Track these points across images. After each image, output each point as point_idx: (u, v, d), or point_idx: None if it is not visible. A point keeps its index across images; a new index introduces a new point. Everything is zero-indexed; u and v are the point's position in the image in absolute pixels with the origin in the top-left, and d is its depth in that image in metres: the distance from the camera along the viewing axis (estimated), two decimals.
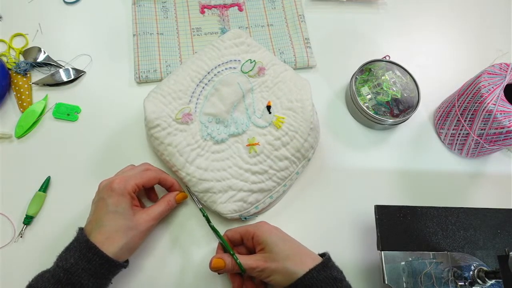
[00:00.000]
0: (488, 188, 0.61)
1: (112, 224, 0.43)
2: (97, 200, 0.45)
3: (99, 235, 0.42)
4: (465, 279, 0.46)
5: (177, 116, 0.52)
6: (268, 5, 0.69)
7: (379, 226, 0.48)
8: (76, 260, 0.40)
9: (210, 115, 0.53)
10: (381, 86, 0.61)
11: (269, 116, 0.54)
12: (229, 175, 0.51)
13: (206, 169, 0.51)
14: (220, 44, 0.56)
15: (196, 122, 0.53)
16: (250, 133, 0.53)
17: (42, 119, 0.57)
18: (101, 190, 0.45)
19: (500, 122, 0.53)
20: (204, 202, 0.51)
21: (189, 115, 0.52)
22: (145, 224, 0.45)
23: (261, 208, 0.53)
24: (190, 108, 0.53)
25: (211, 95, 0.54)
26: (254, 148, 0.52)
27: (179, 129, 0.52)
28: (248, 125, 0.54)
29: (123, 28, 0.65)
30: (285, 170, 0.53)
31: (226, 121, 0.54)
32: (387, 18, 0.72)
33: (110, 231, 0.42)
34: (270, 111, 0.54)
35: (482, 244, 0.50)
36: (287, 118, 0.53)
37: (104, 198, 0.44)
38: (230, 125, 0.54)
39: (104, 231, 0.42)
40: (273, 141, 0.52)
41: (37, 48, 0.60)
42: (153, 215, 0.47)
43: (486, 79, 0.54)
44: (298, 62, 0.64)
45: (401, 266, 0.46)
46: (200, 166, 0.51)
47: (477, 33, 0.74)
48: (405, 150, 0.62)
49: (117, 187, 0.44)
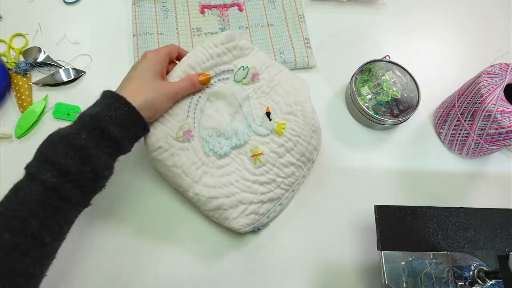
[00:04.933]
0: (488, 188, 0.61)
1: (141, 76, 0.45)
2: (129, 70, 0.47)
3: (127, 88, 0.43)
4: (465, 279, 0.46)
5: (178, 134, 0.49)
6: (268, 5, 0.69)
7: (379, 226, 0.48)
8: (102, 108, 0.41)
9: (210, 129, 0.51)
10: (381, 86, 0.61)
11: (269, 123, 0.52)
12: (237, 189, 0.50)
13: (214, 186, 0.49)
14: (212, 50, 0.51)
15: (196, 138, 0.50)
16: (253, 143, 0.52)
17: (42, 119, 0.57)
18: (135, 62, 0.48)
19: (500, 122, 0.53)
20: (216, 219, 0.50)
21: (189, 132, 0.49)
22: (169, 90, 0.46)
23: (273, 216, 0.52)
24: (189, 124, 0.50)
25: (207, 107, 0.52)
26: (259, 159, 0.51)
27: (182, 148, 0.49)
28: (249, 135, 0.52)
29: (123, 28, 0.65)
30: (292, 176, 0.52)
31: (226, 133, 0.51)
32: (387, 18, 0.72)
33: (139, 83, 0.44)
34: (270, 117, 0.52)
35: (482, 244, 0.50)
36: (288, 123, 0.52)
37: (137, 64, 0.47)
38: (231, 137, 0.51)
39: (133, 83, 0.44)
40: (277, 149, 0.51)
41: (37, 48, 0.60)
42: (176, 86, 0.48)
43: (486, 79, 0.54)
44: (298, 62, 0.64)
45: (401, 266, 0.46)
46: (207, 184, 0.49)
47: (477, 33, 0.74)
48: (405, 150, 0.62)
49: (150, 55, 0.47)
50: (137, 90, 0.43)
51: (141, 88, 0.44)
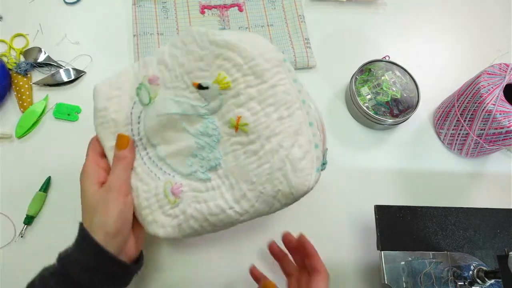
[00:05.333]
0: (487, 188, 0.61)
1: (92, 200, 0.38)
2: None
3: (87, 220, 0.37)
4: (465, 279, 0.46)
5: (169, 200, 0.40)
6: (268, 5, 0.69)
7: (379, 226, 0.48)
8: (72, 249, 0.37)
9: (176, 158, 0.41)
10: (381, 86, 0.61)
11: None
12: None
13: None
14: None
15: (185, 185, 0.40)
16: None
17: (43, 119, 0.57)
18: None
19: (500, 122, 0.53)
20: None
21: (177, 187, 0.40)
22: (115, 201, 0.37)
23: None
24: (170, 181, 0.40)
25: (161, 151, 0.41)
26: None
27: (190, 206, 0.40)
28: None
29: (123, 28, 0.65)
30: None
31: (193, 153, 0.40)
32: (387, 18, 0.72)
33: (93, 210, 0.37)
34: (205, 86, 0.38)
35: (482, 244, 0.50)
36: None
37: (82, 187, 0.40)
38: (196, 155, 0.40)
39: (88, 213, 0.38)
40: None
41: (37, 48, 0.61)
42: (113, 179, 0.38)
43: (485, 79, 0.54)
44: (298, 62, 0.64)
45: (400, 266, 0.46)
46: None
47: (477, 33, 0.74)
48: (405, 150, 0.62)
49: (84, 170, 0.40)
50: (98, 223, 0.36)
51: (96, 213, 0.37)
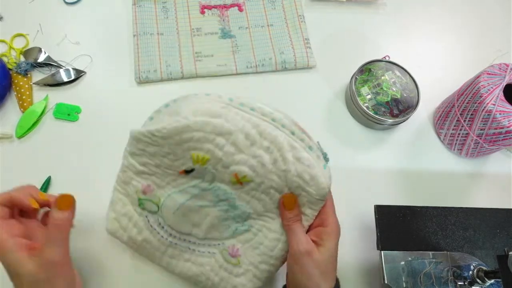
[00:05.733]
0: (487, 188, 0.61)
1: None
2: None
3: None
4: (465, 279, 0.46)
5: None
6: (268, 5, 0.69)
7: (379, 226, 0.48)
8: None
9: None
10: (380, 86, 0.61)
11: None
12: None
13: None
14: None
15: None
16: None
17: (43, 119, 0.57)
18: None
19: (500, 122, 0.53)
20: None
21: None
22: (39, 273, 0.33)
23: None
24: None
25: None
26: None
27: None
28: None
29: (123, 28, 0.65)
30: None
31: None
32: (387, 18, 0.72)
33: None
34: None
35: (482, 244, 0.50)
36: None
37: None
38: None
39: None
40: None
41: (37, 48, 0.61)
42: (54, 259, 0.34)
43: (485, 79, 0.54)
44: (298, 62, 0.64)
45: (400, 266, 0.46)
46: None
47: (477, 33, 0.74)
48: (405, 150, 0.62)
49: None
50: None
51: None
